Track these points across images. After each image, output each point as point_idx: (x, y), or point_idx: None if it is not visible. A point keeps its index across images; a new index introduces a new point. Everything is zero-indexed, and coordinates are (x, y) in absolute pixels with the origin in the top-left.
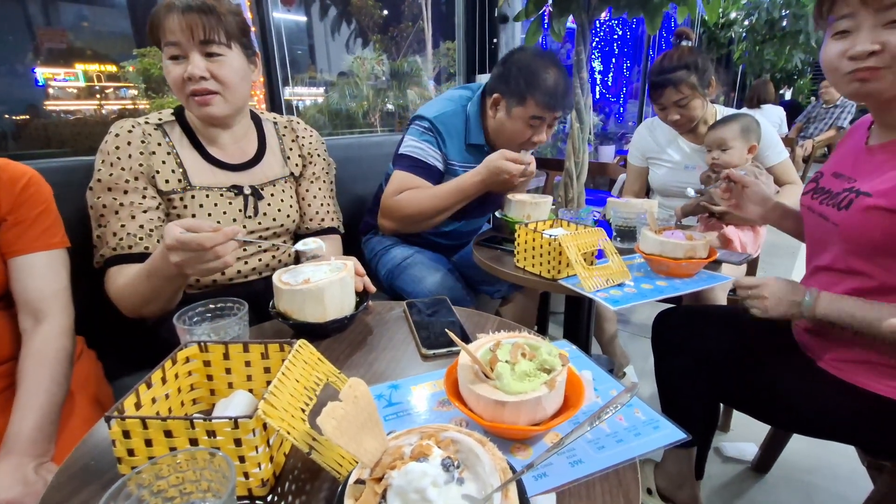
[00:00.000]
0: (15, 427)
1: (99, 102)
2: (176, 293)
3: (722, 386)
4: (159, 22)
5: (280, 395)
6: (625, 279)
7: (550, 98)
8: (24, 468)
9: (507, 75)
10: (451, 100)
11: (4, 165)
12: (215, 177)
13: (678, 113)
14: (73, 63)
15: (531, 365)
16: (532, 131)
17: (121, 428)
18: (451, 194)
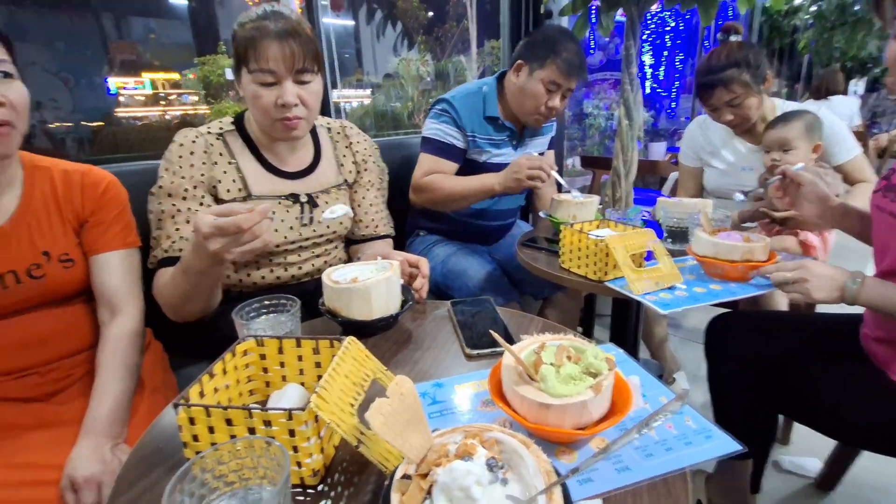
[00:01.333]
0: (93, 410)
1: (163, 109)
2: (212, 291)
3: (781, 396)
4: (254, 46)
5: (330, 389)
6: (676, 282)
7: (569, 66)
8: (101, 448)
9: (533, 43)
10: (468, 86)
11: (87, 171)
12: (273, 185)
13: (731, 113)
14: (141, 72)
15: (576, 368)
16: (548, 96)
17: (187, 415)
18: (473, 188)
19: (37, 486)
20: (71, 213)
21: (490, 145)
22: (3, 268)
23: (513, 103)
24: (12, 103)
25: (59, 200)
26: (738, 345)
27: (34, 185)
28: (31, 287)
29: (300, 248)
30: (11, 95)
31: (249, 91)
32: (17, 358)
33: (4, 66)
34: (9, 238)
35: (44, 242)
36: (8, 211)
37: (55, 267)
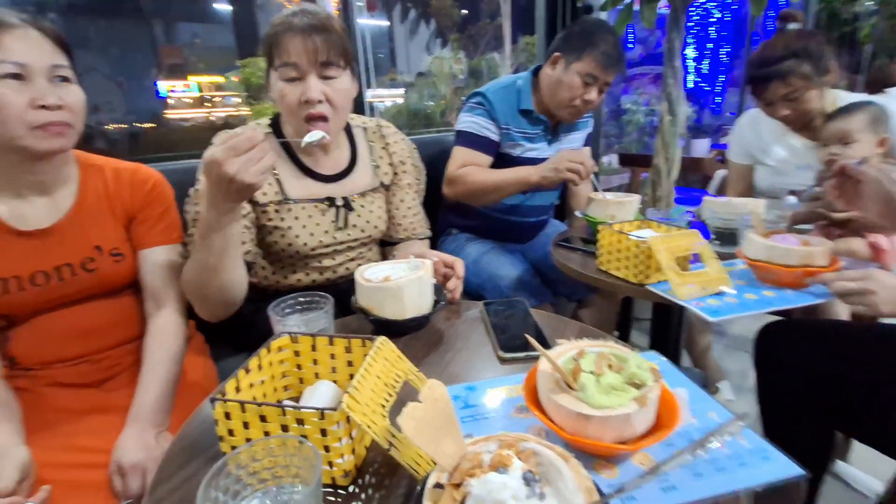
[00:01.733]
0: (139, 399)
1: (208, 111)
2: (234, 267)
3: (838, 412)
4: (278, 42)
5: (362, 390)
6: (725, 287)
7: (607, 58)
8: (146, 435)
9: (570, 35)
10: (502, 80)
11: (136, 169)
12: (309, 189)
13: (788, 108)
14: (188, 76)
15: (618, 378)
16: (584, 89)
17: (223, 409)
18: (509, 179)
19: (88, 469)
20: (121, 210)
21: (524, 139)
22: (60, 261)
23: (547, 96)
24: (70, 106)
25: (111, 197)
26: (792, 355)
27: (88, 182)
28: (84, 279)
29: (335, 251)
30: (69, 99)
31: (277, 90)
32: (73, 346)
33: (63, 71)
34: (65, 233)
35: (96, 237)
36: (65, 207)
37: (107, 261)
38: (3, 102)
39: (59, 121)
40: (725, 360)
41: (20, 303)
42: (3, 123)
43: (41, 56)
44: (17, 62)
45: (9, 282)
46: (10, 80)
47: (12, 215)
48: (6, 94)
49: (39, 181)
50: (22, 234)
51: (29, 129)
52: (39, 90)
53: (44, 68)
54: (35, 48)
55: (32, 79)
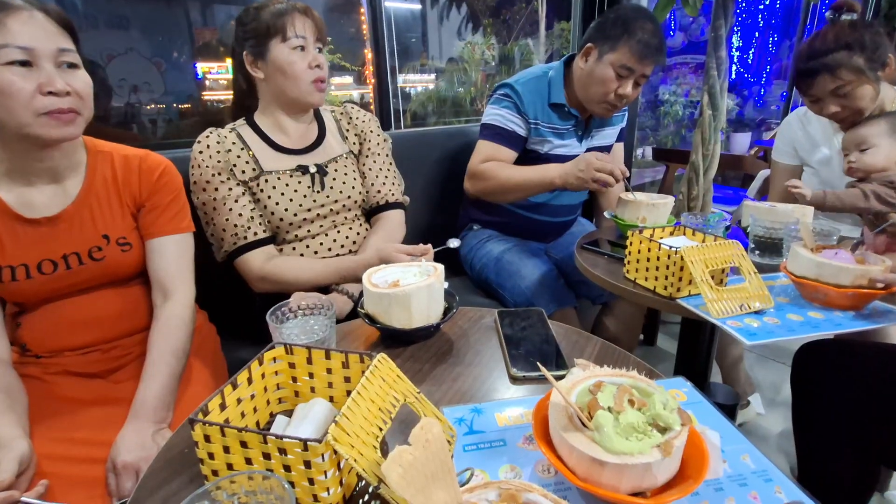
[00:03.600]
0: (140, 395)
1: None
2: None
3: (884, 445)
4: (286, 18)
5: (353, 417)
6: (765, 306)
7: (644, 48)
8: (143, 433)
9: (604, 23)
10: (533, 70)
11: (145, 156)
12: (283, 162)
13: (838, 104)
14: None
15: (640, 417)
16: (619, 82)
17: (202, 432)
18: (532, 178)
19: (88, 464)
20: (129, 198)
21: (553, 134)
22: (68, 249)
23: (579, 90)
24: (78, 92)
25: (119, 185)
26: (833, 379)
27: (96, 169)
28: (91, 268)
29: (318, 216)
30: (77, 84)
31: (283, 60)
32: (81, 334)
33: (70, 56)
34: (72, 220)
35: (104, 225)
36: (72, 194)
37: (114, 249)
38: (10, 89)
39: (67, 107)
40: (757, 371)
41: (29, 290)
42: (11, 111)
43: (48, 40)
44: (23, 46)
45: (16, 269)
46: (16, 66)
47: (19, 202)
48: (13, 80)
49: (49, 168)
50: (29, 222)
51: (36, 117)
52: (47, 76)
53: (50, 53)
54: (41, 32)
55: (39, 64)
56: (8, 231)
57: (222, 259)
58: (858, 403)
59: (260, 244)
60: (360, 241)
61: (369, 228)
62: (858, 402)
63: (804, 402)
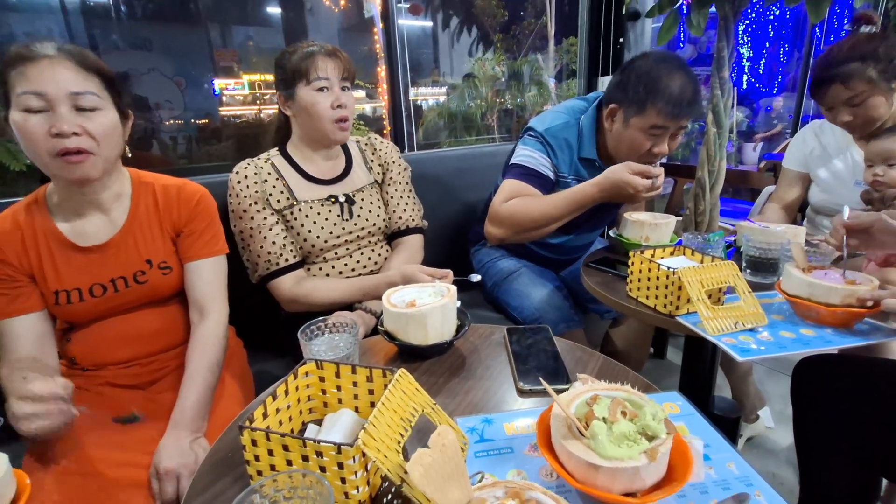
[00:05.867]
0: (179, 405)
1: (258, 107)
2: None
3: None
4: (310, 61)
5: (378, 425)
6: (759, 323)
7: (674, 106)
8: (181, 442)
9: (626, 83)
10: (563, 112)
11: (183, 185)
12: (314, 191)
13: (850, 113)
14: (241, 74)
15: (631, 427)
16: (652, 142)
17: (250, 437)
18: (565, 203)
19: (129, 467)
20: (169, 224)
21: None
22: (115, 273)
23: (611, 148)
24: (90, 133)
25: (160, 213)
26: (831, 393)
27: (140, 199)
28: (136, 290)
29: (346, 242)
30: (90, 126)
31: (307, 101)
32: (124, 349)
33: (85, 99)
34: (119, 247)
35: (147, 251)
36: (119, 223)
37: (156, 273)
38: (27, 133)
39: (74, 148)
40: (768, 384)
41: (80, 311)
42: (32, 153)
43: (62, 85)
44: (37, 92)
45: (71, 293)
46: (33, 111)
47: (73, 232)
48: (31, 123)
49: (93, 201)
50: (82, 250)
51: (51, 158)
52: (58, 118)
53: (64, 97)
54: (57, 77)
55: (55, 108)
56: (63, 259)
57: (256, 281)
58: (857, 416)
59: (291, 269)
60: (382, 263)
61: (390, 251)
62: (857, 415)
63: (803, 416)
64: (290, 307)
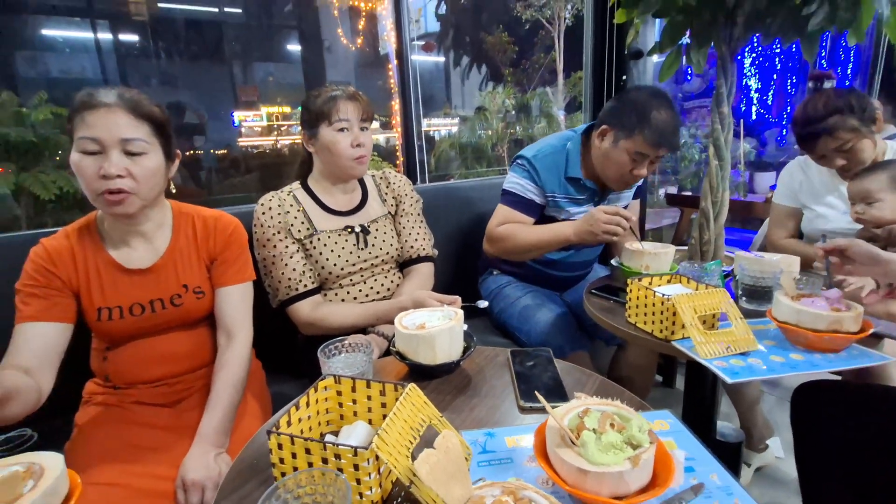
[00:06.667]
0: (205, 421)
1: (275, 138)
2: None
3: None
4: (332, 104)
5: (391, 432)
6: (750, 348)
7: (659, 137)
8: (207, 456)
9: (620, 109)
10: (552, 140)
11: (219, 217)
12: (332, 222)
13: (843, 158)
14: (259, 106)
15: (618, 437)
16: (633, 165)
17: (276, 441)
18: (546, 236)
19: (155, 479)
20: (205, 253)
21: (570, 204)
22: (154, 295)
23: (596, 165)
24: (133, 175)
25: (198, 242)
26: (831, 420)
27: (180, 229)
28: (171, 312)
29: (360, 269)
30: (135, 169)
31: (329, 140)
32: (154, 369)
33: (134, 144)
34: (160, 272)
35: (184, 276)
36: (161, 250)
37: (190, 297)
38: (82, 172)
39: (116, 188)
40: (777, 414)
41: (119, 329)
42: (84, 189)
43: (115, 131)
44: (93, 138)
45: (112, 311)
46: (88, 153)
47: (121, 256)
48: (84, 164)
49: (138, 231)
50: (127, 272)
51: (96, 196)
52: (107, 161)
53: (116, 142)
54: (111, 125)
55: (107, 151)
56: (109, 279)
57: (276, 306)
58: (855, 442)
59: (309, 294)
60: (394, 289)
61: (402, 277)
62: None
63: (803, 441)
64: (308, 331)
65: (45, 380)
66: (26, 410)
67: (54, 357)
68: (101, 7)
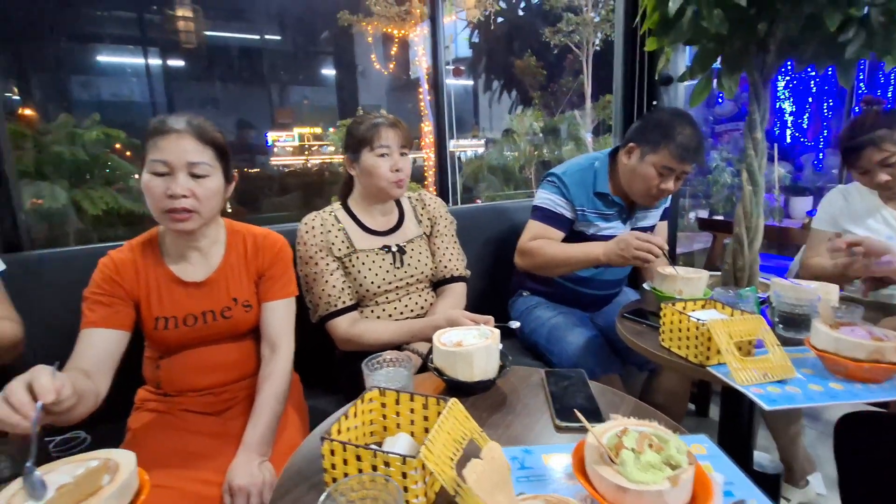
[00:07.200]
0: (249, 430)
1: (306, 157)
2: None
3: None
4: (375, 131)
5: (436, 443)
6: (787, 376)
7: (683, 151)
8: (252, 464)
9: (645, 127)
10: (579, 160)
11: (267, 234)
12: (370, 241)
13: (887, 173)
14: (292, 127)
15: (657, 457)
16: (660, 179)
17: (329, 447)
18: (576, 255)
19: (201, 483)
20: (254, 268)
21: (599, 218)
22: (206, 307)
23: (624, 182)
24: (196, 196)
25: (248, 258)
26: (874, 451)
27: (232, 246)
28: (221, 324)
29: (396, 288)
30: (198, 190)
31: (370, 164)
32: (202, 378)
33: (199, 167)
34: (213, 286)
35: (235, 290)
36: (214, 265)
37: (239, 310)
38: (151, 191)
39: (180, 207)
40: (819, 448)
41: (173, 338)
42: (151, 207)
43: (183, 156)
44: (163, 160)
45: (168, 320)
46: (157, 174)
47: (179, 270)
48: (153, 184)
49: (195, 246)
50: (184, 284)
51: (161, 213)
52: (174, 182)
53: (183, 165)
54: (180, 149)
55: (174, 173)
56: (167, 290)
57: (316, 321)
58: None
59: (347, 311)
60: (428, 307)
61: (435, 296)
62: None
63: (847, 474)
64: (345, 346)
65: (102, 384)
66: (87, 412)
67: (112, 363)
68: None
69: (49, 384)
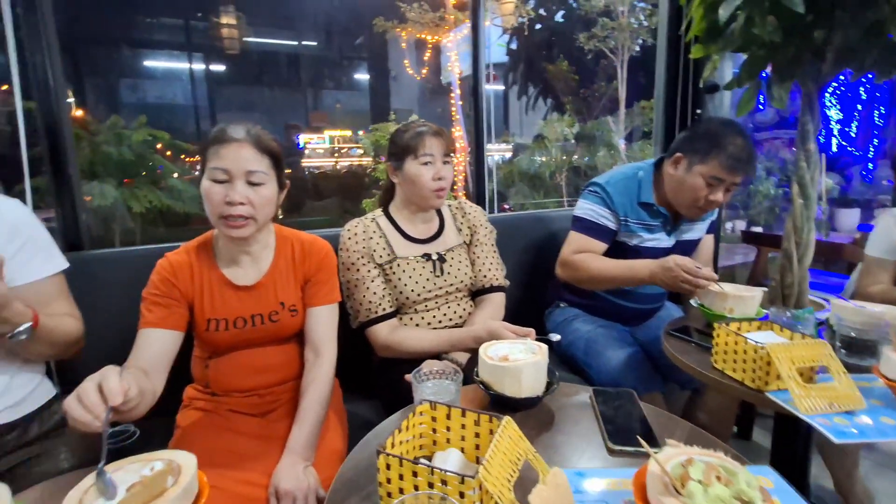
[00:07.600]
0: (294, 434)
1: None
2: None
3: None
4: (419, 140)
5: (493, 463)
6: (856, 407)
7: (733, 161)
8: (297, 468)
9: (693, 136)
10: (623, 170)
11: (314, 241)
12: (411, 249)
13: None
14: (323, 130)
15: (726, 491)
16: (709, 190)
17: (385, 461)
18: (620, 272)
19: (244, 484)
20: (301, 274)
21: (643, 229)
22: (255, 311)
23: (669, 193)
24: (252, 203)
25: (295, 263)
26: None
27: (281, 251)
28: (268, 327)
29: (436, 296)
30: (254, 198)
31: (413, 172)
32: (249, 380)
33: (256, 176)
34: (262, 290)
35: (282, 295)
36: (264, 270)
37: (286, 314)
38: (210, 197)
39: (237, 214)
40: (877, 482)
41: (223, 339)
42: (210, 213)
43: (242, 164)
44: (223, 168)
45: (220, 322)
46: (217, 181)
47: (231, 273)
48: (214, 191)
49: (246, 251)
50: (235, 288)
51: (218, 219)
52: (233, 190)
53: (241, 173)
54: (239, 158)
55: (233, 180)
56: (220, 293)
57: (356, 327)
58: None
59: (387, 317)
60: (466, 317)
61: (474, 305)
62: None
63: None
64: (384, 353)
65: (158, 382)
66: (146, 409)
67: (167, 362)
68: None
69: (117, 386)
